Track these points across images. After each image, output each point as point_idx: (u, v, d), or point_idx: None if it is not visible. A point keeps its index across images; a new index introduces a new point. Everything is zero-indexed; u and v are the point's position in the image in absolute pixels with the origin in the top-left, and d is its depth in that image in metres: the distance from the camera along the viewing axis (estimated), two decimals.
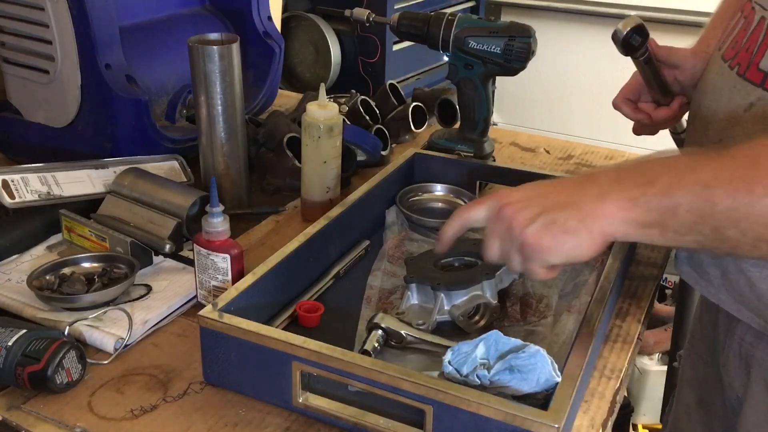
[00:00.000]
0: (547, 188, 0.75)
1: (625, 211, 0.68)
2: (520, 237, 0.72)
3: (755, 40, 0.81)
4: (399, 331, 0.85)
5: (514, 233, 0.72)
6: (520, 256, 0.73)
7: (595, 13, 2.90)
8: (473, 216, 0.78)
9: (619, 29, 0.95)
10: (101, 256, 1.02)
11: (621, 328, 0.94)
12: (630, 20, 0.95)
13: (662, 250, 1.13)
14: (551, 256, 0.71)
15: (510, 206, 0.73)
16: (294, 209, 1.22)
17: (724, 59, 0.86)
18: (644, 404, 2.16)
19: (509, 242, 0.73)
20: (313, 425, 0.78)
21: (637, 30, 0.95)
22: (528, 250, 0.72)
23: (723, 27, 0.92)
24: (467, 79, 1.23)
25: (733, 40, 0.86)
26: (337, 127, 1.13)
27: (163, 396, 0.81)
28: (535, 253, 0.72)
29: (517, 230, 0.72)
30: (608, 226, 0.69)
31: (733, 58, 0.85)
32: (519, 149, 1.48)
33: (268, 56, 1.49)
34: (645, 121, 1.07)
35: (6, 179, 1.08)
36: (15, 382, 0.79)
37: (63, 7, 1.15)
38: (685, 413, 1.08)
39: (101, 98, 1.19)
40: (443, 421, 0.70)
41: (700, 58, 1.00)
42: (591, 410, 0.80)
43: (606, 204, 0.69)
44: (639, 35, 0.95)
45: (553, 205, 0.71)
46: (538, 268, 0.73)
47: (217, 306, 0.80)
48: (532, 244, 0.71)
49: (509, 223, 0.73)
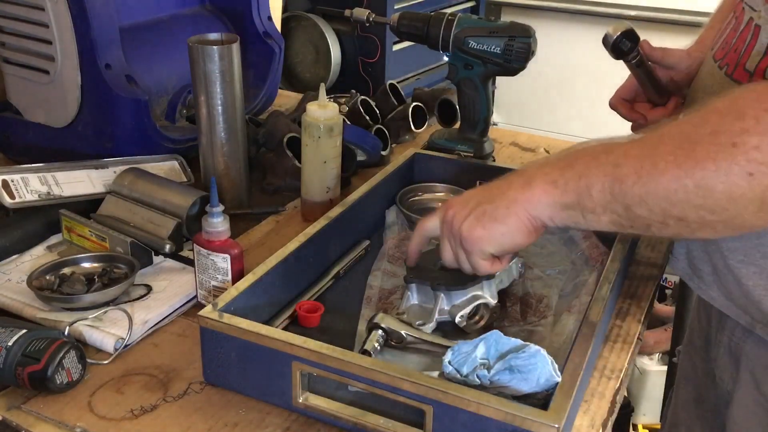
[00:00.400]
0: (485, 187, 0.81)
1: (547, 194, 0.73)
2: (459, 233, 0.78)
3: (743, 41, 0.81)
4: (399, 331, 0.85)
5: (454, 231, 0.79)
6: (463, 252, 0.79)
7: (595, 13, 2.90)
8: (428, 226, 0.85)
9: (609, 33, 0.97)
10: (101, 256, 1.02)
11: (621, 328, 0.94)
12: (620, 25, 0.97)
13: (662, 250, 1.13)
14: (486, 245, 0.77)
15: (451, 209, 0.80)
16: (294, 209, 1.22)
17: (715, 59, 0.87)
18: (644, 404, 2.16)
19: (454, 241, 0.80)
20: (313, 425, 0.78)
21: (626, 35, 0.96)
22: (466, 243, 0.78)
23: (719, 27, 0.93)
24: (467, 79, 1.23)
25: (724, 41, 0.86)
26: (337, 127, 1.13)
27: (163, 396, 0.81)
28: (473, 245, 0.78)
29: (455, 227, 0.78)
30: (533, 209, 0.74)
31: (722, 58, 0.85)
32: (519, 149, 1.48)
33: (268, 56, 1.49)
34: (640, 121, 1.08)
35: (6, 179, 1.08)
36: (15, 382, 0.79)
37: (63, 7, 1.15)
38: (683, 408, 1.09)
39: (101, 98, 1.19)
40: (443, 421, 0.70)
41: (695, 59, 1.00)
42: (591, 410, 0.80)
43: (531, 189, 0.74)
44: (629, 40, 0.96)
45: (484, 199, 0.78)
46: (480, 260, 0.79)
47: (217, 306, 0.80)
48: (467, 236, 0.77)
49: (450, 223, 0.79)
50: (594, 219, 0.71)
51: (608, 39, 0.97)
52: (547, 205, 0.73)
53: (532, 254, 1.06)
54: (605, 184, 0.69)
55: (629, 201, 0.68)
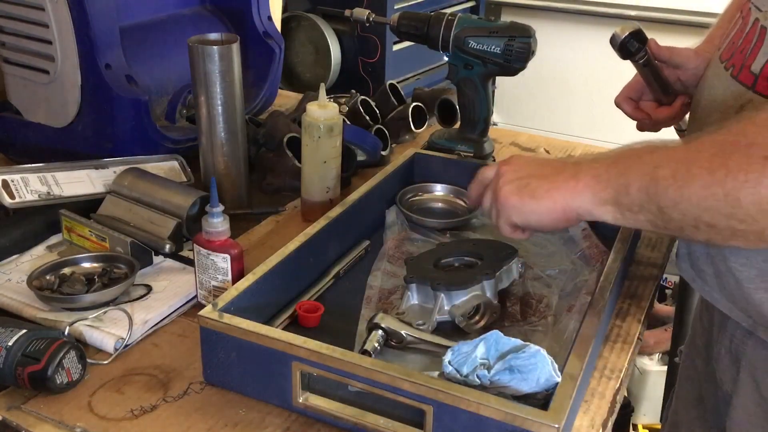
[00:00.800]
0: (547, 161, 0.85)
1: (589, 188, 0.75)
2: (497, 192, 0.82)
3: (749, 42, 0.81)
4: (399, 331, 0.85)
5: (497, 188, 0.82)
6: (495, 209, 0.83)
7: (595, 13, 2.90)
8: (486, 173, 0.88)
9: (617, 33, 0.98)
10: (101, 256, 1.02)
11: (621, 328, 0.94)
12: (628, 25, 0.97)
13: (662, 250, 1.13)
14: (514, 215, 0.81)
15: (507, 167, 0.83)
16: (294, 209, 1.22)
17: (721, 60, 0.86)
18: (644, 404, 2.16)
19: (493, 196, 0.83)
20: (313, 425, 0.78)
21: (634, 35, 0.96)
22: (499, 205, 0.82)
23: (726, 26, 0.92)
24: (467, 79, 1.23)
25: (731, 41, 0.86)
26: (337, 127, 1.13)
27: (163, 396, 0.81)
28: (503, 209, 0.81)
29: (499, 186, 0.82)
30: (572, 200, 0.76)
31: (729, 59, 0.85)
32: (519, 149, 1.48)
33: (268, 56, 1.49)
34: (645, 120, 1.08)
35: (6, 179, 1.08)
36: (15, 382, 0.79)
37: (63, 7, 1.15)
38: (683, 408, 1.09)
39: (101, 98, 1.19)
40: (443, 421, 0.70)
41: (702, 58, 1.00)
42: (591, 410, 0.80)
43: (576, 181, 0.76)
44: (636, 40, 0.96)
45: (537, 173, 0.80)
46: (504, 224, 0.83)
47: (217, 306, 0.80)
48: (503, 200, 0.81)
49: (498, 180, 0.83)
50: (632, 217, 0.73)
51: (616, 39, 0.98)
52: (587, 198, 0.75)
53: (532, 254, 1.06)
54: (643, 184, 0.70)
55: (663, 203, 0.69)
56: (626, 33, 0.97)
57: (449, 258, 1.00)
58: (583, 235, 1.09)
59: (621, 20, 2.86)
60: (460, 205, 1.22)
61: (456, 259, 1.00)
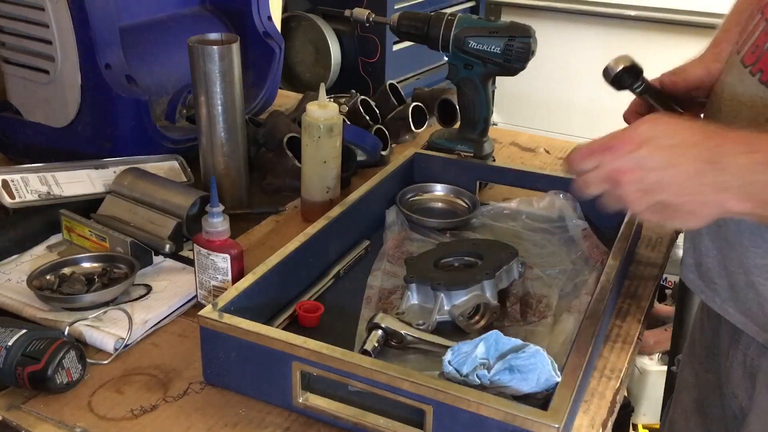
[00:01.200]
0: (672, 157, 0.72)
1: (742, 204, 0.69)
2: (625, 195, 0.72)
3: None
4: (399, 331, 0.85)
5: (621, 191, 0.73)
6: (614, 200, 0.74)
7: (595, 13, 2.90)
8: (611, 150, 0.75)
9: (610, 66, 0.92)
10: (101, 256, 1.02)
11: (621, 328, 0.94)
12: (621, 59, 0.91)
13: (662, 250, 1.13)
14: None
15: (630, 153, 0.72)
16: (294, 209, 1.22)
17: (744, 64, 0.82)
18: (644, 404, 2.15)
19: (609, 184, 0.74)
20: (313, 425, 0.78)
21: (627, 70, 0.92)
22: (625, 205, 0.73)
23: (739, 29, 0.88)
24: (467, 79, 1.23)
25: (754, 44, 0.82)
26: (337, 127, 1.13)
27: (163, 396, 0.81)
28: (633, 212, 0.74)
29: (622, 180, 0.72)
30: (722, 213, 0.71)
31: (754, 63, 0.80)
32: (519, 149, 1.48)
33: (268, 56, 1.49)
34: None
35: (6, 179, 1.08)
36: (15, 382, 0.79)
37: (63, 7, 1.15)
38: (682, 417, 1.08)
39: (101, 98, 1.19)
40: (443, 421, 0.70)
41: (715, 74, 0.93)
42: (591, 410, 0.80)
43: (726, 197, 0.70)
44: (629, 75, 0.92)
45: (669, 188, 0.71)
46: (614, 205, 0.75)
47: (217, 306, 0.80)
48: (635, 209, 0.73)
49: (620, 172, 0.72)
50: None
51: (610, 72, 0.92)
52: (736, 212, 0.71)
53: (532, 254, 1.07)
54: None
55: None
56: (619, 68, 0.92)
57: (449, 258, 1.00)
58: (583, 235, 1.09)
59: (621, 20, 2.89)
60: (460, 205, 1.22)
61: (456, 259, 1.00)
